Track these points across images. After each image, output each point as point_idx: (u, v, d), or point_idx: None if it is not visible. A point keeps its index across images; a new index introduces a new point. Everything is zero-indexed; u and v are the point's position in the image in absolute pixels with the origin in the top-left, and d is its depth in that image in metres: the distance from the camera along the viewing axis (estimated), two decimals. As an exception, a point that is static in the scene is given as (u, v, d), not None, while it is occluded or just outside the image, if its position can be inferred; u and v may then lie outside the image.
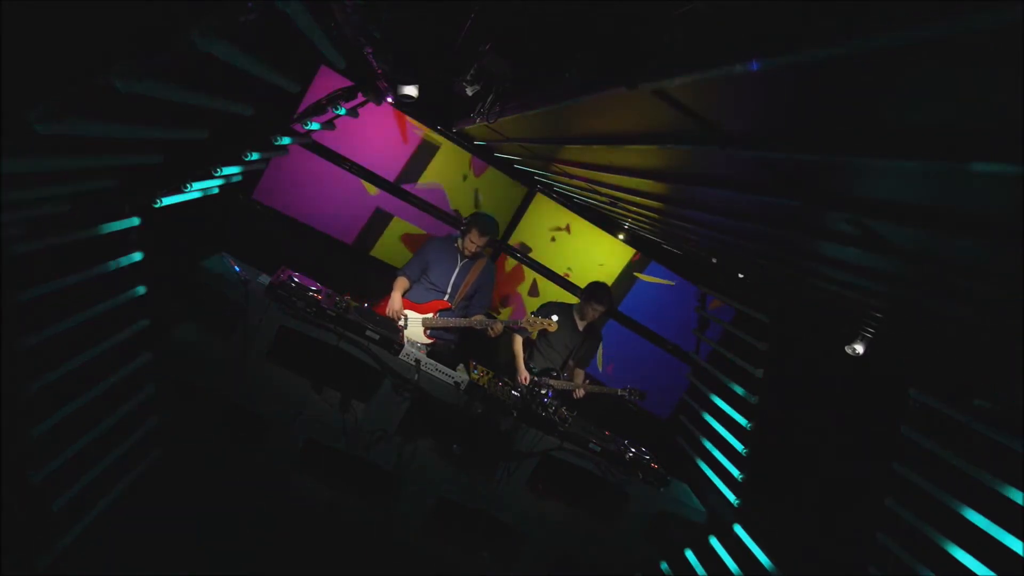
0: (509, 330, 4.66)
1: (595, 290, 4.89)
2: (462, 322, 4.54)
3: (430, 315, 4.54)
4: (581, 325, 5.00)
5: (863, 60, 0.81)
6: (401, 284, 4.55)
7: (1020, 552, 2.54)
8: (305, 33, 2.11)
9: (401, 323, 4.36)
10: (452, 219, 5.54)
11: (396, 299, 4.48)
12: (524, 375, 4.77)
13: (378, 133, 5.34)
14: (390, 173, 5.45)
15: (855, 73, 0.88)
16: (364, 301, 4.23)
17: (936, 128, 0.93)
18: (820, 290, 3.06)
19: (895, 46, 0.73)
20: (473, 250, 4.51)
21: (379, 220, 5.53)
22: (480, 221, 4.49)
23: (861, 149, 1.07)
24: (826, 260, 2.29)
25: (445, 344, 4.66)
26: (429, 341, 4.52)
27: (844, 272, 2.28)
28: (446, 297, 4.57)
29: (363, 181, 5.41)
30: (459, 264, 4.60)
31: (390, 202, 5.51)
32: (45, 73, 1.56)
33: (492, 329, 4.47)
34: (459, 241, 4.60)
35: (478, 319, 4.52)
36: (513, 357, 4.89)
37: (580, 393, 4.90)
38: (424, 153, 5.45)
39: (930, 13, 0.64)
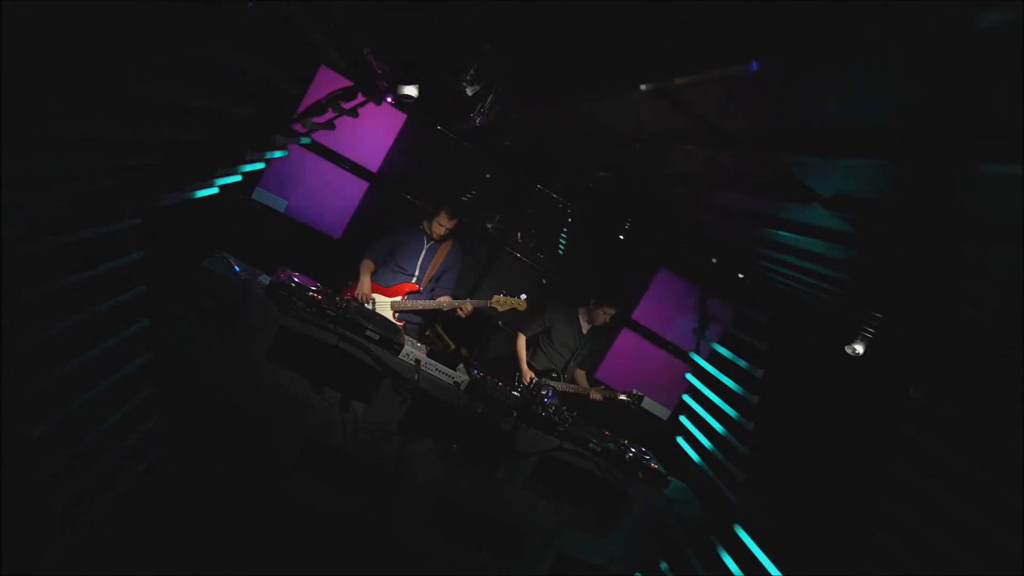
0: (479, 311, 4.70)
1: (607, 293, 4.86)
2: (431, 304, 4.61)
3: (398, 298, 4.59)
4: (586, 328, 4.99)
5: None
6: (368, 267, 4.60)
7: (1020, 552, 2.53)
8: (305, 33, 2.11)
9: (369, 307, 4.40)
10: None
11: (365, 283, 4.53)
12: (529, 374, 4.77)
13: (376, 132, 5.34)
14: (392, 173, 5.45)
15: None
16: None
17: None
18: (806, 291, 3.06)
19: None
20: (442, 233, 4.56)
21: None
22: (448, 203, 4.55)
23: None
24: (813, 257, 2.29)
25: (412, 326, 4.73)
26: (399, 324, 4.58)
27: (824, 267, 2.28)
28: (414, 279, 4.63)
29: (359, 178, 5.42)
30: (426, 246, 4.65)
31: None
32: (45, 73, 1.56)
33: (461, 309, 4.56)
34: (425, 224, 4.65)
35: (445, 300, 4.60)
36: (516, 357, 4.89)
37: (597, 396, 4.92)
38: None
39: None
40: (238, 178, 3.97)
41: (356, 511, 4.11)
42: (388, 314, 4.56)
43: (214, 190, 3.68)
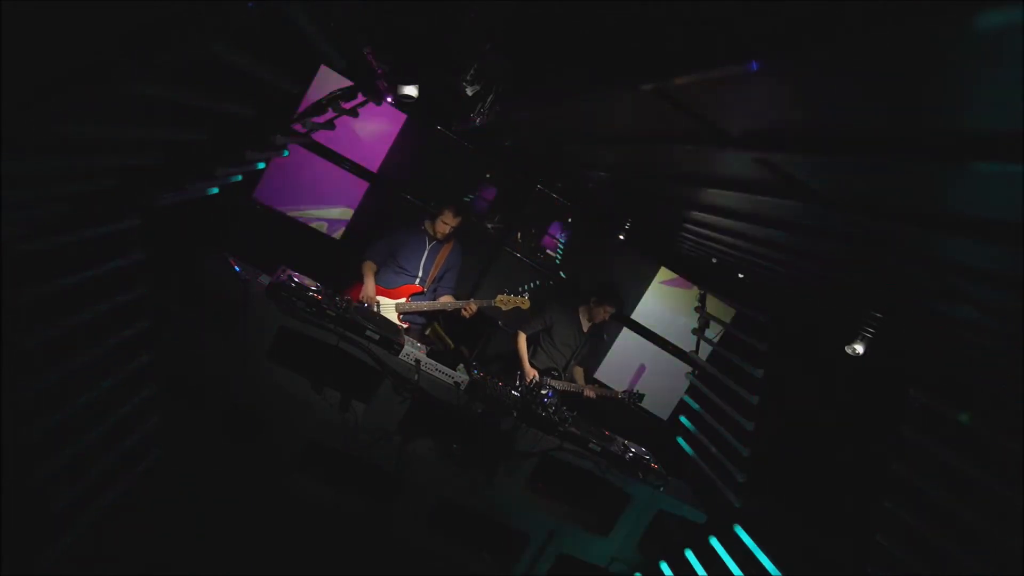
0: (480, 311, 4.70)
1: (607, 291, 4.88)
2: (435, 305, 4.59)
3: (402, 300, 4.58)
4: (586, 326, 5.00)
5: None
6: (370, 268, 4.57)
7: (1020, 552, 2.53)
8: (305, 32, 2.11)
9: (373, 309, 4.38)
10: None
11: (370, 286, 4.50)
12: (531, 373, 4.78)
13: (377, 132, 5.34)
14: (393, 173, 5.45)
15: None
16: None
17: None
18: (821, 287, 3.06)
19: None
20: (446, 231, 4.53)
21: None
22: (452, 201, 4.53)
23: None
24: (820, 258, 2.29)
25: (415, 327, 4.74)
26: (403, 326, 4.58)
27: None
28: (416, 281, 4.61)
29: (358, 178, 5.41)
30: (428, 247, 4.62)
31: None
32: (45, 73, 1.56)
33: (466, 309, 4.53)
34: (427, 224, 4.62)
35: (449, 300, 4.59)
36: (517, 355, 4.90)
37: (590, 394, 4.91)
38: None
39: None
40: (238, 178, 3.98)
41: (356, 511, 4.11)
42: (392, 316, 4.54)
43: (215, 190, 3.68)
